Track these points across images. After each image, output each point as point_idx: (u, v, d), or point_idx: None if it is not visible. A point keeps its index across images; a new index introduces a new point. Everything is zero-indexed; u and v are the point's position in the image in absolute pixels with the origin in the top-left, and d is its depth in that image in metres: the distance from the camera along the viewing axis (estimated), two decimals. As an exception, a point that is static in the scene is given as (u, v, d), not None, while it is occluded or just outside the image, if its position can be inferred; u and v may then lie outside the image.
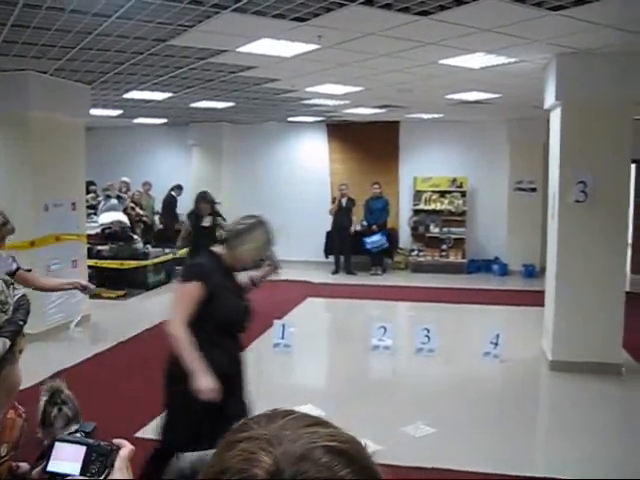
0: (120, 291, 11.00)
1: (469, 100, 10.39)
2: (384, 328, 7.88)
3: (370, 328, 8.07)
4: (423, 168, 14.27)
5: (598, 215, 6.86)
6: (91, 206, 12.37)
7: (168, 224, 14.39)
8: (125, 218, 12.07)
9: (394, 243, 14.21)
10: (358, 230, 13.83)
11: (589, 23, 5.54)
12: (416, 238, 14.30)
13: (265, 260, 4.07)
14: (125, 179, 13.63)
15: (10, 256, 4.32)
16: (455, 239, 14.03)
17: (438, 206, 14.16)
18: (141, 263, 11.47)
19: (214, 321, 3.50)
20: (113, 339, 8.03)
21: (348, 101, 10.87)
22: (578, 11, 5.13)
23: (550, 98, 7.24)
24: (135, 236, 12.13)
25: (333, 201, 13.99)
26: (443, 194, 14.19)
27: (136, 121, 14.53)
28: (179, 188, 14.52)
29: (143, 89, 9.52)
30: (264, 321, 8.83)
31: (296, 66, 7.61)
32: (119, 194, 12.72)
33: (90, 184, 12.49)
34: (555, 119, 7.33)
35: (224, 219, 10.34)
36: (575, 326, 6.97)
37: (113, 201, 12.31)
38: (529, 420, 6.11)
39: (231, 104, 11.37)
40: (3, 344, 1.01)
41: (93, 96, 9.40)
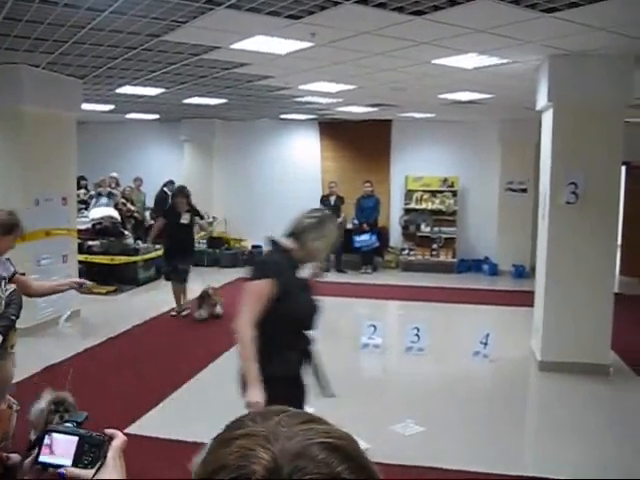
0: (110, 286, 10.96)
1: (462, 100, 10.42)
2: (374, 326, 7.90)
3: (360, 326, 8.08)
4: (415, 167, 14.31)
5: (588, 216, 6.90)
6: (82, 201, 12.33)
7: (159, 220, 14.32)
8: (116, 213, 12.03)
9: (385, 242, 14.24)
10: (349, 228, 13.84)
11: (582, 25, 5.57)
12: (407, 237, 14.34)
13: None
14: (114, 174, 13.55)
15: (6, 259, 4.29)
16: (446, 239, 14.08)
17: (429, 205, 14.20)
18: (131, 259, 11.43)
19: (286, 319, 3.42)
20: (103, 334, 8.01)
21: (341, 99, 10.87)
22: (571, 13, 5.16)
23: (542, 99, 7.26)
24: (126, 232, 12.09)
25: (321, 202, 13.99)
26: (434, 193, 14.24)
27: (128, 116, 14.49)
28: (172, 184, 14.46)
29: (136, 84, 9.49)
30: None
31: (290, 64, 7.60)
32: (110, 190, 12.66)
33: (81, 179, 12.44)
34: (547, 120, 7.36)
35: (202, 216, 10.23)
36: (564, 327, 7.01)
37: (103, 200, 12.26)
38: (518, 420, 6.14)
39: (224, 101, 11.35)
40: None
41: (85, 91, 9.36)
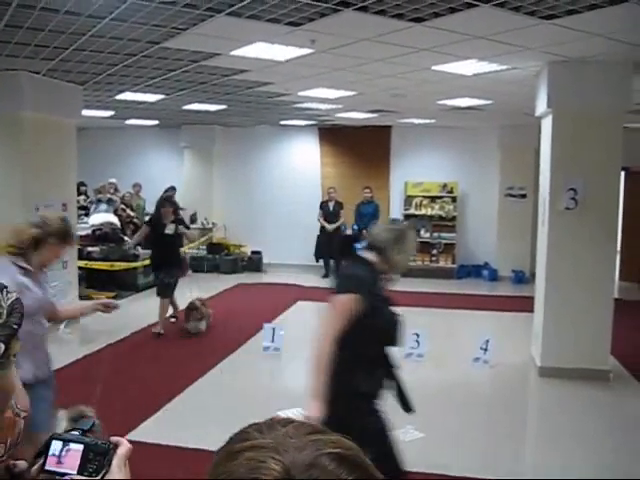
0: (110, 293, 10.95)
1: (461, 106, 10.44)
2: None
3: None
4: (414, 173, 14.32)
5: (588, 222, 6.91)
6: (82, 207, 12.34)
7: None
8: (116, 219, 12.04)
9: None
10: (348, 235, 13.85)
11: (581, 32, 5.59)
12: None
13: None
14: (113, 180, 13.54)
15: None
16: (445, 244, 14.08)
17: (429, 211, 14.22)
18: (131, 265, 11.43)
19: (372, 334, 3.32)
20: (102, 341, 7.99)
21: (341, 105, 10.89)
22: (570, 20, 5.18)
23: (542, 106, 7.28)
24: (125, 237, 12.09)
25: (321, 207, 14.01)
26: (434, 199, 14.25)
27: (128, 122, 14.50)
28: (173, 189, 14.47)
29: (136, 91, 9.50)
30: (254, 324, 8.85)
31: (290, 70, 7.62)
32: (110, 197, 12.67)
33: (81, 185, 12.45)
34: (546, 126, 7.38)
35: (187, 227, 9.68)
36: (564, 332, 7.01)
37: (102, 206, 12.27)
38: (518, 425, 6.14)
39: (223, 107, 11.37)
40: None
41: (85, 97, 9.38)
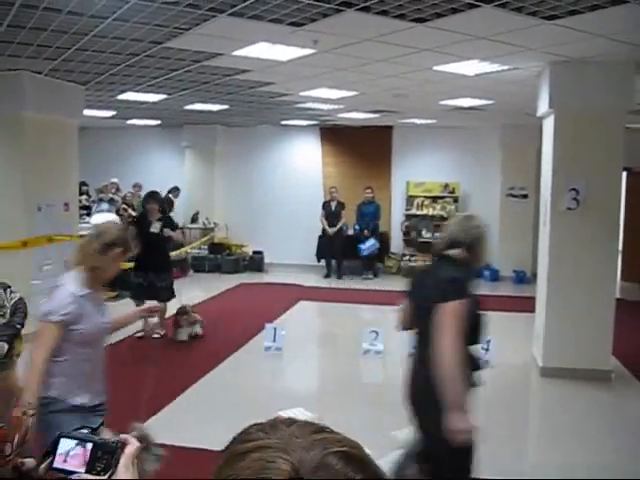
0: (111, 292, 10.95)
1: (463, 106, 10.44)
2: (375, 332, 7.90)
3: (361, 332, 8.08)
4: (416, 173, 14.33)
5: (590, 222, 6.91)
6: (84, 207, 12.35)
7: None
8: (117, 219, 12.03)
9: (386, 248, 14.25)
10: (350, 235, 13.87)
11: (583, 32, 5.59)
12: (408, 243, 14.34)
13: None
14: (114, 180, 13.56)
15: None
16: (447, 244, 14.05)
17: (430, 211, 14.21)
18: (132, 264, 11.41)
19: (466, 335, 3.23)
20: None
21: (342, 105, 10.90)
22: (572, 21, 5.18)
23: (543, 106, 7.29)
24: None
25: (323, 207, 14.02)
26: (435, 199, 14.25)
27: (130, 122, 14.52)
28: (176, 190, 14.49)
29: (138, 90, 9.51)
30: (256, 324, 8.85)
31: (291, 70, 7.63)
32: (112, 196, 12.68)
33: (82, 184, 12.45)
34: (548, 127, 7.38)
35: (174, 227, 9.03)
36: (566, 332, 7.01)
37: (104, 205, 12.27)
38: (519, 426, 6.14)
39: (225, 107, 11.38)
40: (1, 348, 1.01)
41: (87, 97, 9.39)
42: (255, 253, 14.73)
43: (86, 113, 9.78)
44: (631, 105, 7.00)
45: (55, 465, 1.20)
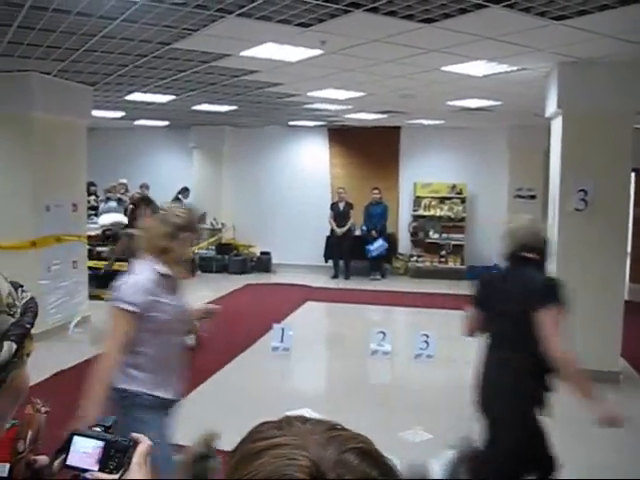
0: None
1: (470, 107, 10.43)
2: (383, 333, 7.90)
3: (369, 333, 8.08)
4: (423, 174, 14.32)
5: (598, 223, 6.89)
6: (92, 207, 12.39)
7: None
8: (125, 219, 12.07)
9: (393, 248, 14.24)
10: (358, 235, 13.86)
11: (591, 33, 5.58)
12: (415, 244, 14.33)
13: None
14: (123, 180, 13.60)
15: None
16: (454, 245, 14.06)
17: (438, 212, 14.20)
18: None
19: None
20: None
21: (350, 106, 10.90)
22: (581, 21, 5.17)
23: (551, 106, 7.27)
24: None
25: (331, 208, 14.03)
26: (443, 200, 14.24)
27: (137, 123, 14.56)
28: (186, 190, 14.52)
29: (146, 91, 9.54)
30: (263, 324, 8.86)
31: (299, 71, 7.64)
32: (120, 197, 12.71)
33: (90, 185, 12.50)
34: (556, 127, 7.36)
35: None
36: (573, 334, 6.98)
37: (111, 204, 12.30)
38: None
39: (233, 107, 11.39)
40: (9, 347, 1.02)
41: (95, 98, 9.42)
42: (263, 254, 14.75)
43: (94, 114, 9.82)
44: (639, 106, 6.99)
45: (69, 462, 1.21)
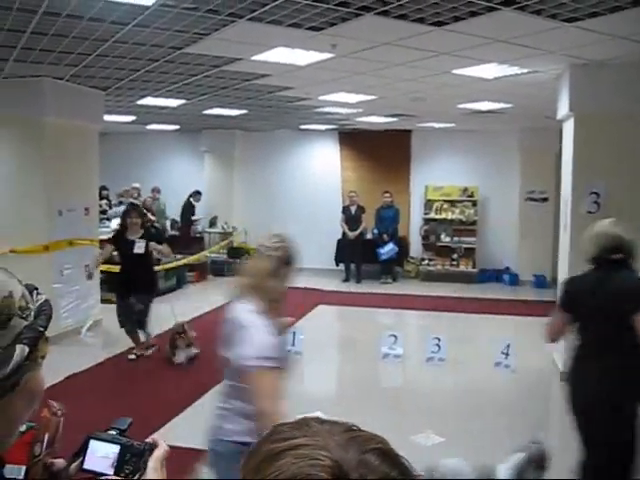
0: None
1: (481, 110, 10.41)
2: (394, 336, 7.88)
3: (380, 336, 8.06)
4: (434, 177, 14.28)
5: (611, 226, 6.84)
6: (104, 211, 12.46)
7: (182, 231, 14.49)
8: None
9: (405, 252, 14.21)
10: (369, 239, 13.85)
11: (603, 35, 5.55)
12: (427, 247, 14.30)
13: None
14: (136, 185, 13.68)
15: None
16: (466, 248, 14.01)
17: (449, 215, 14.16)
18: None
19: None
20: (124, 344, 8.04)
21: (361, 109, 10.90)
22: (592, 23, 5.15)
23: (563, 109, 7.24)
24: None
25: (343, 212, 14.02)
26: (454, 203, 14.19)
27: (149, 127, 14.63)
28: (198, 194, 14.56)
29: (157, 96, 9.59)
30: (275, 328, 8.85)
31: (310, 74, 7.65)
32: (132, 201, 12.77)
33: (102, 189, 12.57)
34: (568, 130, 7.33)
35: (161, 240, 8.24)
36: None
37: (123, 208, 12.35)
38: (539, 431, 6.08)
39: (244, 111, 11.42)
40: (21, 351, 1.02)
41: (107, 102, 9.48)
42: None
43: (106, 118, 9.87)
44: (652, 108, 6.94)
45: (85, 466, 1.21)
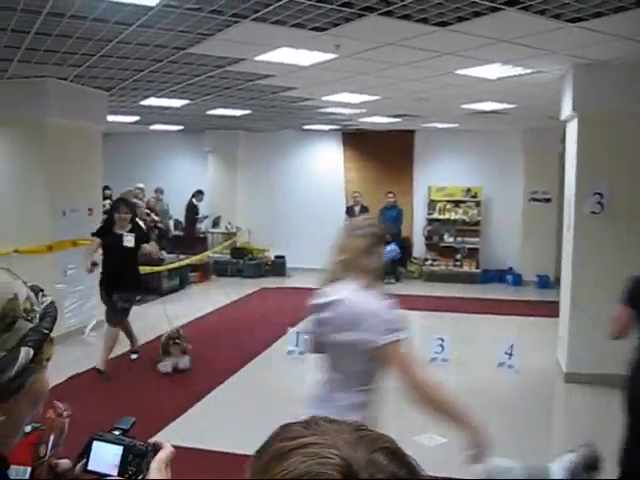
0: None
1: (485, 110, 10.40)
2: (397, 337, 7.86)
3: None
4: (438, 177, 14.28)
5: (614, 226, 6.84)
6: (106, 211, 12.46)
7: (186, 230, 14.51)
8: (141, 224, 12.12)
9: (408, 252, 14.21)
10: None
11: (606, 35, 5.54)
12: (430, 247, 14.30)
13: None
14: (141, 185, 13.70)
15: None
16: (469, 249, 14.01)
17: (452, 216, 14.16)
18: (155, 269, 11.51)
19: None
20: (126, 344, 8.05)
21: (364, 110, 10.90)
22: (596, 23, 5.14)
23: (567, 109, 7.23)
24: (150, 242, 12.17)
25: (347, 212, 14.00)
26: (457, 204, 14.19)
27: (152, 127, 14.64)
28: (200, 193, 14.57)
29: (161, 96, 9.60)
30: (278, 328, 8.86)
31: (314, 75, 7.65)
32: (135, 201, 12.77)
33: (105, 189, 12.58)
34: (571, 130, 7.32)
35: (147, 239, 7.83)
36: (590, 338, 6.93)
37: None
38: (543, 432, 6.08)
39: (247, 112, 11.43)
40: (26, 353, 1.02)
41: (111, 102, 9.49)
42: (277, 257, 14.76)
43: (110, 119, 9.88)
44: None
45: (89, 467, 1.21)
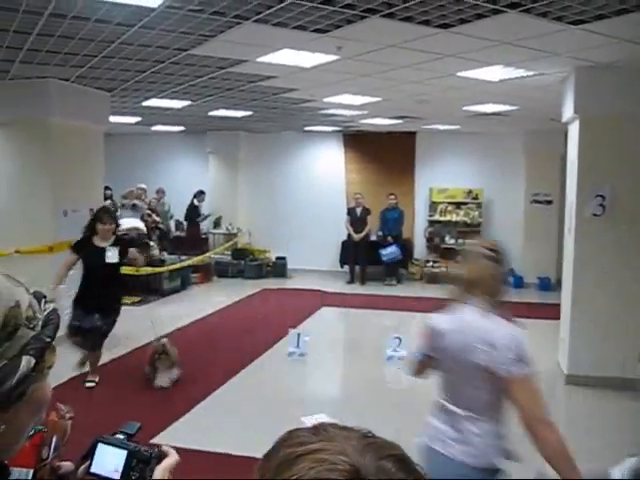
0: (135, 297, 11.05)
1: (486, 112, 10.40)
2: (399, 339, 7.87)
3: (385, 338, 8.06)
4: (439, 179, 14.28)
5: (616, 229, 6.84)
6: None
7: (190, 231, 14.52)
8: (142, 225, 12.14)
9: (409, 254, 14.20)
10: (373, 241, 13.84)
11: (608, 37, 5.54)
12: (431, 249, 14.29)
13: None
14: (143, 186, 13.70)
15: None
16: (470, 251, 13.96)
17: (453, 217, 14.15)
18: (157, 270, 11.52)
19: None
20: (128, 345, 8.06)
21: (366, 111, 10.90)
22: (599, 25, 5.14)
23: (568, 111, 7.23)
24: (151, 243, 12.19)
25: (348, 213, 14.01)
26: (459, 205, 14.18)
27: (154, 128, 14.64)
28: (201, 193, 14.56)
29: (162, 97, 9.60)
30: (279, 330, 8.87)
31: (315, 76, 7.65)
32: (135, 202, 12.78)
33: (106, 189, 12.59)
34: (573, 132, 7.32)
35: (127, 246, 6.87)
36: (591, 340, 6.94)
37: (127, 213, 12.34)
38: None
39: (249, 113, 11.43)
40: (27, 362, 1.00)
41: (112, 103, 9.50)
42: (278, 259, 14.76)
43: (111, 119, 9.88)
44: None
45: (92, 470, 1.21)
